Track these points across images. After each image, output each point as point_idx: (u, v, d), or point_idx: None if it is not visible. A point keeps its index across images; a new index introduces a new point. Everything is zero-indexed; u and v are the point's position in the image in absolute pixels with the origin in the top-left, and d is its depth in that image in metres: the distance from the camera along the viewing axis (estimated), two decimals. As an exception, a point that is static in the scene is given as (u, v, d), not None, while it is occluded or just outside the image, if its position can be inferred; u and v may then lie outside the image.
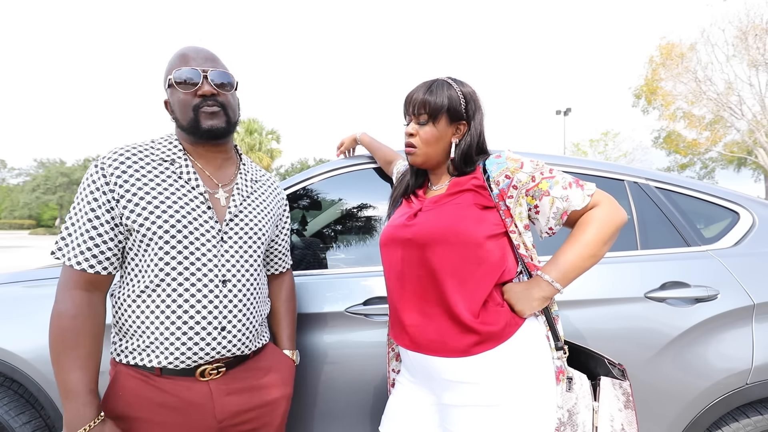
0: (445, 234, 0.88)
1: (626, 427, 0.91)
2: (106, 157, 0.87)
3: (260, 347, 1.01)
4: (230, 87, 0.94)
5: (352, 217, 1.68)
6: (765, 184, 19.15)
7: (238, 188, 0.98)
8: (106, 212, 0.84)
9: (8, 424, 1.25)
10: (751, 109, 14.44)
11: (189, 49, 0.92)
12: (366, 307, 1.29)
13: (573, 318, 1.26)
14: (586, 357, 0.99)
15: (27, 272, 1.52)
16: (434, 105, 0.94)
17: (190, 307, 0.86)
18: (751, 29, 13.63)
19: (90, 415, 0.79)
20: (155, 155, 0.91)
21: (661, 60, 15.62)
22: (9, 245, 20.91)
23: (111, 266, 0.86)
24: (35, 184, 49.39)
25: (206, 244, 0.88)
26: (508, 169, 0.92)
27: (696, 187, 1.47)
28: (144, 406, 0.85)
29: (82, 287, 0.84)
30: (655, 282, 1.28)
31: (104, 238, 0.84)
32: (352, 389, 1.29)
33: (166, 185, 0.88)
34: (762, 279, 1.27)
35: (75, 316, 0.82)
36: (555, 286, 0.87)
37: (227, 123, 0.93)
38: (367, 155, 1.56)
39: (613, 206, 0.89)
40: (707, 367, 1.21)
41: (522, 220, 0.92)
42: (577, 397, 0.90)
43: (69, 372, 0.80)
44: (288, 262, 1.21)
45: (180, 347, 0.85)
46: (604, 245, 0.87)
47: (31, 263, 11.09)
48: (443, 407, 0.91)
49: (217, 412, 0.89)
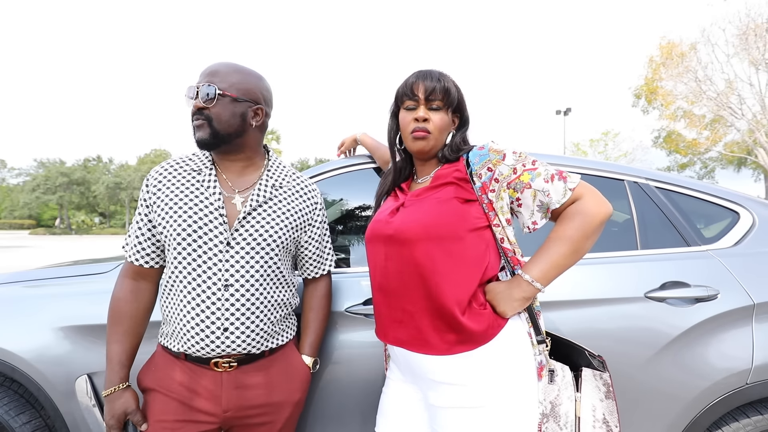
0: (425, 230, 0.88)
1: (608, 417, 0.92)
2: (153, 170, 1.03)
3: (277, 347, 1.04)
4: (211, 101, 0.96)
5: (352, 217, 1.68)
6: (765, 184, 19.15)
7: (254, 194, 1.01)
8: (145, 216, 1.00)
9: (8, 424, 1.25)
10: (751, 109, 14.44)
11: (209, 65, 1.01)
12: (366, 307, 1.29)
13: (573, 318, 1.26)
14: (569, 349, 0.99)
15: (27, 272, 1.52)
16: (452, 94, 0.96)
17: (196, 306, 0.94)
18: (752, 28, 13.63)
19: (115, 381, 0.97)
20: (188, 166, 1.02)
21: (662, 60, 15.62)
22: (9, 245, 20.92)
23: (152, 261, 1.02)
24: (35, 184, 49.30)
25: (213, 248, 0.95)
26: (491, 161, 0.91)
27: (696, 187, 1.47)
28: (167, 382, 0.97)
29: (131, 276, 1.02)
30: (655, 282, 1.28)
31: (145, 236, 1.00)
32: (352, 389, 1.29)
33: (188, 192, 0.98)
34: (762, 279, 1.27)
35: (119, 299, 1.00)
36: (535, 286, 0.86)
37: (210, 135, 0.97)
38: (367, 155, 1.56)
39: (596, 200, 0.86)
40: (707, 367, 1.21)
41: (504, 214, 0.90)
42: (559, 388, 0.91)
43: (110, 343, 0.99)
44: (322, 269, 1.18)
45: (191, 339, 0.95)
46: (586, 241, 0.85)
47: (31, 263, 11.09)
48: (430, 407, 0.91)
49: (223, 401, 0.97)
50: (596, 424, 0.92)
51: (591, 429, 0.92)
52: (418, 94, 0.95)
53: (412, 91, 0.96)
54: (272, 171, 1.08)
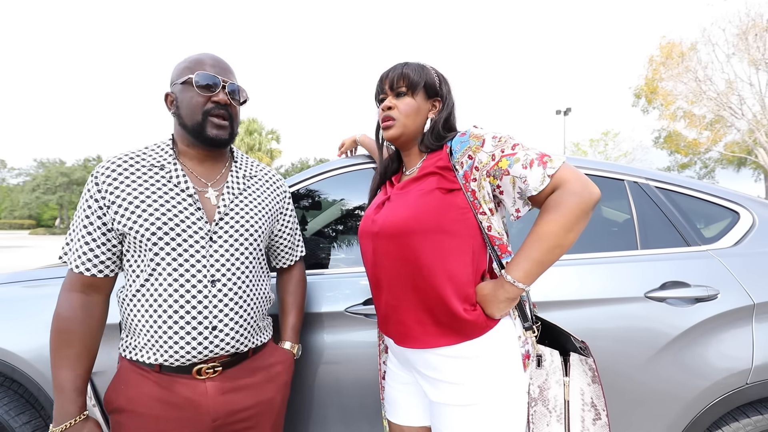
0: (407, 223, 0.87)
1: (596, 401, 0.92)
2: (100, 166, 0.91)
3: (260, 345, 1.01)
4: (243, 103, 1.00)
5: (352, 216, 1.68)
6: (765, 184, 19.14)
7: (229, 186, 0.98)
8: (98, 219, 0.88)
9: (8, 424, 1.25)
10: (752, 109, 14.43)
11: (210, 56, 0.96)
12: (366, 307, 1.29)
13: (573, 318, 1.26)
14: (557, 333, 0.98)
15: (27, 272, 1.52)
16: (413, 77, 0.97)
17: (180, 307, 0.87)
18: (752, 28, 13.62)
19: (73, 412, 0.86)
20: (146, 161, 0.93)
21: (662, 59, 15.61)
22: (9, 245, 20.91)
23: (107, 269, 0.91)
24: (35, 184, 49.32)
25: (195, 244, 0.89)
26: (470, 148, 0.88)
27: (696, 187, 1.47)
28: (143, 400, 0.88)
29: (80, 290, 0.90)
30: (655, 282, 1.28)
31: (98, 243, 0.89)
32: (352, 389, 1.29)
33: (155, 189, 0.90)
34: (762, 279, 1.27)
35: (68, 318, 0.88)
36: (518, 287, 0.82)
37: (230, 135, 0.97)
38: (367, 155, 1.56)
39: (579, 186, 0.79)
40: (707, 367, 1.21)
41: (487, 203, 0.87)
42: (547, 373, 0.91)
43: (59, 369, 0.87)
44: (295, 256, 1.20)
45: (173, 346, 0.87)
46: (567, 234, 0.79)
47: (31, 263, 11.09)
48: (429, 401, 0.93)
49: (212, 411, 0.90)
50: (585, 407, 0.92)
51: (580, 412, 0.92)
52: (384, 86, 1.00)
53: (380, 86, 1.01)
54: (239, 162, 1.06)
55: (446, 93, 1.01)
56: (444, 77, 1.02)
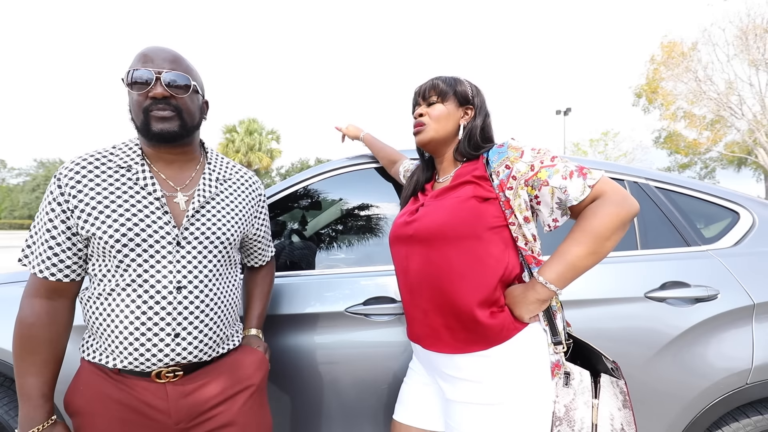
0: (442, 229, 0.89)
1: (626, 427, 0.89)
2: (63, 167, 0.87)
3: (225, 352, 0.97)
4: (186, 90, 0.89)
5: (352, 217, 1.68)
6: (765, 184, 19.15)
7: (199, 191, 0.94)
8: (61, 223, 0.85)
9: (8, 424, 1.25)
10: (752, 109, 14.43)
11: (150, 49, 0.89)
12: (366, 307, 1.29)
13: (573, 318, 1.26)
14: (590, 353, 0.98)
15: (27, 272, 1.52)
16: (442, 86, 1.02)
17: (142, 314, 0.84)
18: (752, 29, 13.62)
19: (40, 418, 0.84)
20: (113, 162, 0.89)
21: (663, 59, 15.61)
22: (9, 245, 20.91)
23: (73, 273, 0.88)
24: (35, 184, 49.37)
25: (161, 250, 0.86)
26: (509, 158, 0.90)
27: (696, 187, 1.47)
28: (103, 402, 0.86)
29: (44, 295, 0.87)
30: (655, 282, 1.28)
31: (62, 247, 0.86)
32: (352, 389, 1.29)
33: (121, 192, 0.86)
34: (762, 279, 1.27)
35: (32, 324, 0.85)
36: (550, 288, 0.83)
37: (181, 127, 0.89)
38: (367, 155, 1.56)
39: (619, 197, 0.81)
40: (707, 367, 1.21)
41: (522, 212, 0.88)
42: (575, 392, 0.89)
43: (24, 376, 0.84)
44: (266, 257, 1.19)
45: (133, 353, 0.84)
46: (605, 241, 0.80)
47: (32, 263, 11.05)
48: (446, 401, 0.93)
49: (173, 414, 0.87)
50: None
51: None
52: (418, 99, 1.06)
53: (414, 99, 1.08)
54: (214, 164, 1.00)
55: (480, 103, 1.04)
56: (478, 89, 1.06)
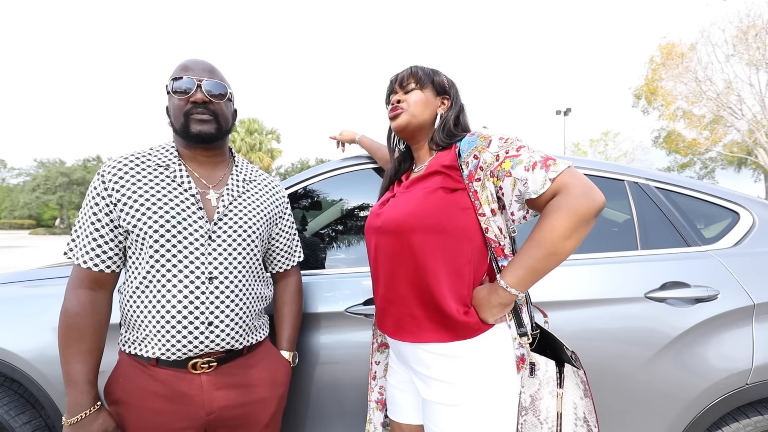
0: (407, 220, 0.88)
1: (588, 416, 0.89)
2: (106, 165, 0.95)
3: (255, 343, 1.04)
4: (223, 97, 1.01)
5: (352, 217, 1.68)
6: (765, 184, 19.15)
7: (228, 189, 1.02)
8: (105, 216, 0.92)
9: (8, 424, 1.25)
10: (751, 109, 14.44)
11: (190, 61, 1.01)
12: (366, 307, 1.29)
13: (573, 318, 1.26)
14: (554, 343, 0.96)
15: (27, 272, 1.52)
16: (421, 74, 1.01)
17: (178, 303, 0.91)
18: (751, 29, 13.63)
19: (87, 404, 0.89)
20: (152, 161, 0.98)
21: (662, 60, 15.62)
22: (9, 245, 20.91)
23: (114, 264, 0.95)
24: (35, 184, 49.28)
25: (194, 242, 0.94)
26: (477, 148, 0.87)
27: (696, 187, 1.47)
28: (139, 393, 0.92)
29: (87, 286, 0.93)
30: (655, 282, 1.28)
31: (105, 239, 0.93)
32: (352, 389, 1.29)
33: (160, 188, 0.94)
34: (762, 279, 1.27)
35: (77, 314, 0.91)
36: (511, 292, 0.80)
37: (217, 130, 1.00)
38: (367, 156, 1.56)
39: (580, 192, 0.75)
40: (707, 367, 1.21)
41: (490, 204, 0.86)
42: (540, 382, 0.88)
43: (71, 363, 0.89)
44: (291, 262, 1.21)
45: (170, 340, 0.91)
46: (565, 241, 0.74)
47: (31, 263, 11.09)
48: (423, 399, 0.93)
49: (206, 405, 0.94)
50: (578, 422, 0.89)
51: (573, 427, 0.89)
52: (394, 86, 1.05)
53: (390, 87, 1.06)
54: (240, 166, 1.11)
55: (455, 94, 1.05)
56: (453, 82, 1.06)
